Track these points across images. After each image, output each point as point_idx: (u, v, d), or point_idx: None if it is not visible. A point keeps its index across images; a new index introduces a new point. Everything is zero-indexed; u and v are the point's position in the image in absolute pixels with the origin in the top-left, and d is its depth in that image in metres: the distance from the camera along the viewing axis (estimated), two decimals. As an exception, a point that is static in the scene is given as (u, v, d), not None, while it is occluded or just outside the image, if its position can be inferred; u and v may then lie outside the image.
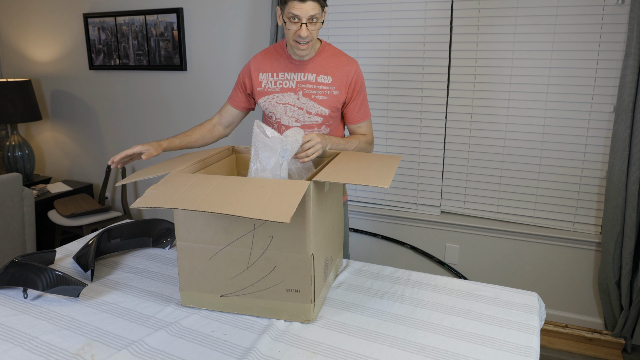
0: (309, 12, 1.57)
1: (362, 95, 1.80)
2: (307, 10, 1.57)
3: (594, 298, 2.46)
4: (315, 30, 1.63)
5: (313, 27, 1.61)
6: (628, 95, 2.10)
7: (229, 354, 1.21)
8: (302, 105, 1.76)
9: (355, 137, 1.81)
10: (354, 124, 1.83)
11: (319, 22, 1.62)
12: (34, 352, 1.21)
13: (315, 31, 1.63)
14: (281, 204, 1.14)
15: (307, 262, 1.30)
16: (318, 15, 1.59)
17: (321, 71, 1.74)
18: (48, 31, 3.59)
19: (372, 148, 1.87)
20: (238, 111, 1.89)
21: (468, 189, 2.63)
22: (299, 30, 1.59)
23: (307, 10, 1.57)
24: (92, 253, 1.64)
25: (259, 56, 1.83)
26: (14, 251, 2.68)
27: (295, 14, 1.57)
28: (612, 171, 2.22)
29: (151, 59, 3.23)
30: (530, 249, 2.53)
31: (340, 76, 1.74)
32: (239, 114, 1.90)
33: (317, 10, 1.58)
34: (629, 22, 2.09)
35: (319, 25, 1.63)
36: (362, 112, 1.82)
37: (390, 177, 1.33)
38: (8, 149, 3.48)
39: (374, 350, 1.22)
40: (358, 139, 1.80)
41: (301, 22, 1.59)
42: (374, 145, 1.88)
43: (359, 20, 2.66)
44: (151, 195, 1.23)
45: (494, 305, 1.45)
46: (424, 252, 2.75)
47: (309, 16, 1.57)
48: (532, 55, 2.36)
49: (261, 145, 1.48)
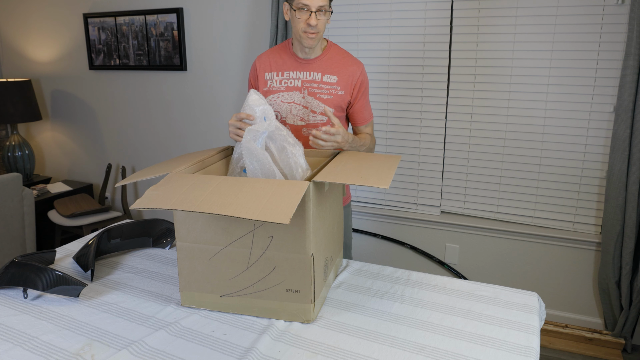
0: (318, 2, 1.62)
1: (367, 97, 1.83)
2: (317, 0, 1.62)
3: (594, 298, 2.46)
4: (324, 21, 1.66)
5: (322, 17, 1.65)
6: (628, 95, 2.10)
7: (229, 354, 1.21)
8: (307, 104, 1.77)
9: (365, 137, 1.83)
10: (361, 125, 1.86)
11: (328, 13, 1.66)
12: (34, 352, 1.21)
13: (323, 22, 1.66)
14: (281, 205, 1.14)
15: (307, 263, 1.30)
16: (326, 6, 1.64)
17: (327, 70, 1.76)
18: (48, 31, 3.59)
19: (374, 147, 1.91)
20: None
21: (468, 189, 2.63)
22: (309, 19, 1.63)
23: (317, 0, 1.62)
24: (92, 253, 1.64)
25: (264, 56, 1.85)
26: (14, 251, 2.68)
27: (305, 3, 1.62)
28: (612, 171, 2.22)
29: (151, 59, 3.23)
30: (530, 249, 2.53)
31: (345, 76, 1.76)
32: None
33: (325, 1, 1.64)
34: (629, 22, 2.09)
35: (327, 16, 1.67)
36: (368, 113, 1.85)
37: (390, 177, 1.33)
38: (8, 149, 3.48)
39: (374, 350, 1.22)
40: (368, 139, 1.83)
41: (311, 11, 1.63)
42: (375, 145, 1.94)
43: (359, 20, 2.66)
44: (151, 196, 1.23)
45: (494, 305, 1.44)
46: (424, 252, 2.75)
47: (318, 6, 1.63)
48: (532, 55, 2.36)
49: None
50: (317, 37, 1.69)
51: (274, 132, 1.52)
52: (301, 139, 1.83)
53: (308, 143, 1.82)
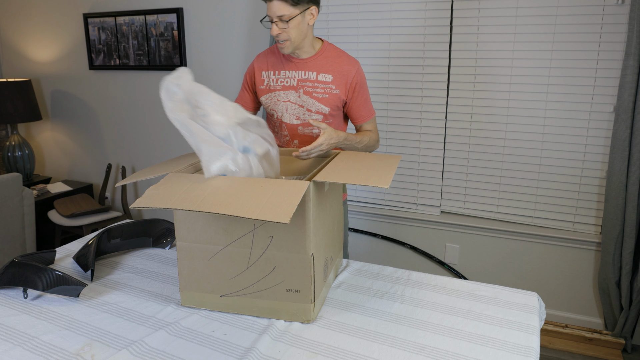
0: (275, 12, 1.63)
1: (365, 95, 1.83)
2: (273, 11, 1.63)
3: (594, 298, 2.46)
4: (287, 30, 1.65)
5: (283, 26, 1.65)
6: (628, 95, 2.10)
7: (229, 354, 1.21)
8: (302, 103, 1.78)
9: (364, 134, 1.83)
10: (359, 123, 1.86)
11: (296, 20, 1.64)
12: (34, 352, 1.21)
13: (287, 30, 1.65)
14: (281, 204, 1.14)
15: (307, 262, 1.30)
16: (287, 15, 1.63)
17: (322, 69, 1.77)
18: (48, 31, 3.59)
19: (378, 145, 1.90)
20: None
21: (468, 189, 2.63)
22: (271, 30, 1.66)
23: (273, 11, 1.63)
24: (92, 253, 1.64)
25: (262, 55, 1.87)
26: (14, 251, 2.68)
27: (268, 13, 1.65)
28: (612, 171, 2.22)
29: (151, 59, 3.23)
30: (530, 249, 2.53)
31: (340, 75, 1.76)
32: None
33: (284, 10, 1.62)
34: (629, 22, 2.09)
35: (293, 25, 1.65)
36: (366, 111, 1.85)
37: (390, 177, 1.33)
38: (8, 149, 3.48)
39: (374, 350, 1.22)
40: (368, 135, 1.83)
41: (271, 21, 1.65)
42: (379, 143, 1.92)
43: (359, 20, 2.66)
44: (151, 196, 1.23)
45: (494, 305, 1.45)
46: (424, 252, 2.75)
47: (276, 16, 1.63)
48: (532, 55, 2.36)
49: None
50: (288, 45, 1.70)
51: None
52: (298, 137, 1.84)
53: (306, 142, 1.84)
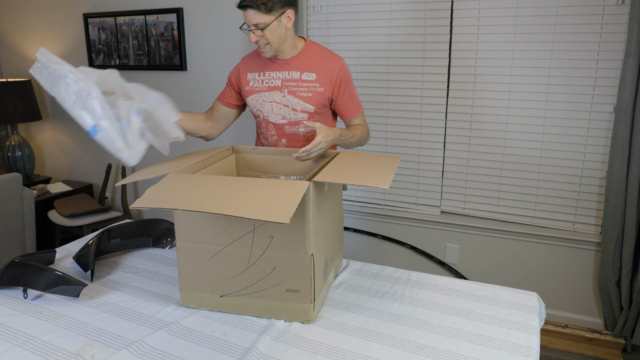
0: (251, 20, 1.66)
1: (351, 90, 1.84)
2: (249, 19, 1.66)
3: (594, 298, 2.46)
4: (264, 37, 1.68)
5: (260, 34, 1.68)
6: (628, 95, 2.10)
7: (229, 354, 1.21)
8: (287, 102, 1.81)
9: (355, 127, 1.85)
10: (348, 118, 1.88)
11: (270, 28, 1.66)
12: (34, 352, 1.21)
13: (264, 37, 1.68)
14: (281, 205, 1.14)
15: (307, 263, 1.31)
16: (262, 22, 1.65)
17: (305, 68, 1.79)
18: (48, 31, 3.59)
19: (369, 137, 1.93)
20: (225, 108, 1.92)
21: (468, 189, 2.63)
22: (249, 37, 1.69)
23: (249, 19, 1.66)
24: (92, 253, 1.64)
25: (248, 57, 1.90)
26: (14, 251, 2.68)
27: (245, 21, 1.68)
28: (612, 171, 2.22)
29: (151, 59, 3.23)
30: (530, 249, 2.53)
31: (324, 73, 1.78)
32: (227, 112, 1.93)
33: (259, 18, 1.64)
34: (629, 22, 2.09)
35: (270, 31, 1.67)
36: (354, 106, 1.86)
37: (390, 177, 1.33)
38: (8, 149, 3.48)
39: (374, 350, 1.22)
40: (359, 129, 1.85)
41: (249, 29, 1.68)
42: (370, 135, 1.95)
43: (359, 20, 2.66)
44: (151, 196, 1.23)
45: (494, 305, 1.45)
46: (424, 252, 2.75)
47: (252, 24, 1.66)
48: (532, 55, 2.36)
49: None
50: (268, 49, 1.72)
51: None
52: (285, 136, 1.86)
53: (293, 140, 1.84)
